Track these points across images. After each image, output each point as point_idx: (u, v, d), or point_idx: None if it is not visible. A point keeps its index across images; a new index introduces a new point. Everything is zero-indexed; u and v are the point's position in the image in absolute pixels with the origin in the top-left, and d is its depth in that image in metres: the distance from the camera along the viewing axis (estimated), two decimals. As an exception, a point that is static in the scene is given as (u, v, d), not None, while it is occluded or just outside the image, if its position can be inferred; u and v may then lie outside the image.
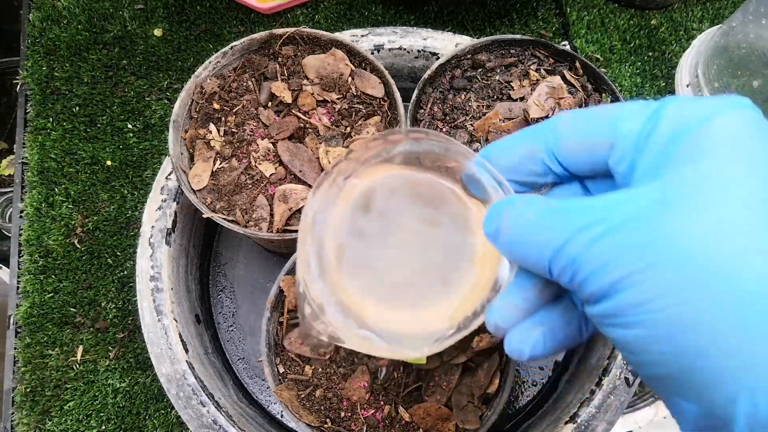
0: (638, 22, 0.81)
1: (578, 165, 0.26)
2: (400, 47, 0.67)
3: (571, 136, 0.26)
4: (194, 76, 0.58)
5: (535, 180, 0.28)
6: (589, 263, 0.21)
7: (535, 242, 0.24)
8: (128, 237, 0.71)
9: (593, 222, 0.22)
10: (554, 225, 0.23)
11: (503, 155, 0.28)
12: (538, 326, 0.26)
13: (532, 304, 0.26)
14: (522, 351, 0.26)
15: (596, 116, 0.25)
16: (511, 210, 0.25)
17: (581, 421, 0.55)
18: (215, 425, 0.55)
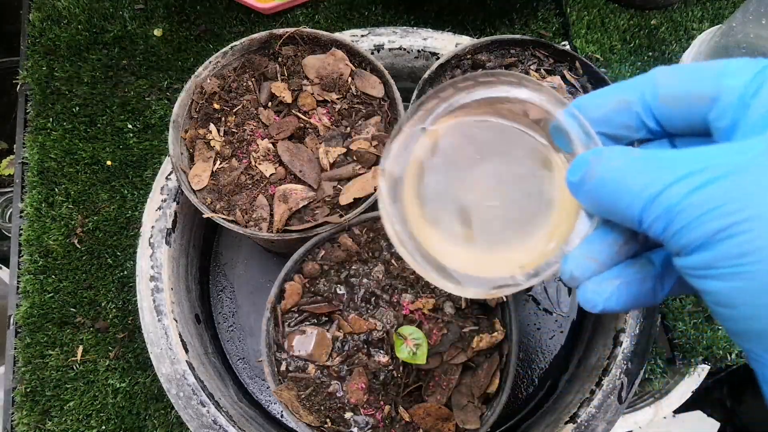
0: (638, 22, 0.81)
1: (674, 119, 0.25)
2: (400, 47, 0.67)
3: (670, 88, 0.25)
4: (194, 76, 0.58)
5: (627, 134, 0.27)
6: (687, 212, 0.21)
7: (626, 189, 0.23)
8: (128, 237, 0.71)
9: (694, 170, 0.21)
10: (650, 172, 0.22)
11: (596, 106, 0.27)
12: (615, 279, 0.25)
13: (610, 258, 0.26)
14: (596, 302, 0.26)
15: (699, 70, 0.24)
16: (600, 157, 0.24)
17: (581, 421, 0.55)
18: (215, 425, 0.55)
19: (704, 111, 0.24)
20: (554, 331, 0.68)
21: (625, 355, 0.57)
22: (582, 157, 0.26)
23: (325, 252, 0.54)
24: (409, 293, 0.53)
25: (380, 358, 0.51)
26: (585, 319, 0.68)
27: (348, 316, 0.52)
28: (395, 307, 0.53)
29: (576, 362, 0.65)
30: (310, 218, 0.55)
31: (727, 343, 0.66)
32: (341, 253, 0.54)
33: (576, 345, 0.67)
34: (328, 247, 0.54)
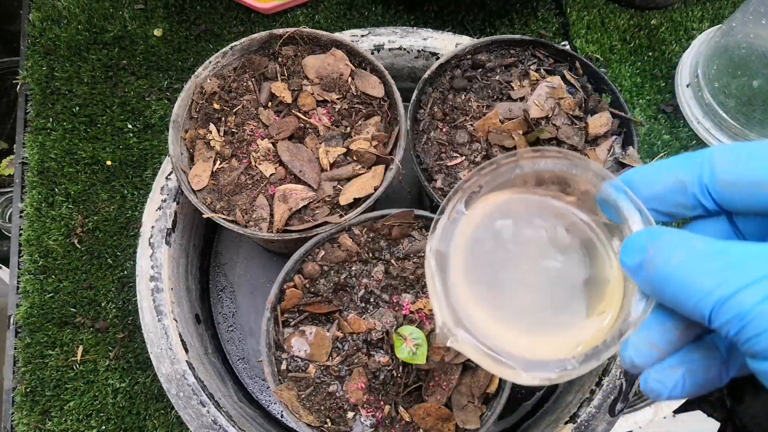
0: (638, 22, 0.81)
1: (735, 203, 0.24)
2: (400, 47, 0.67)
3: (730, 173, 0.24)
4: (194, 76, 0.58)
5: (681, 212, 0.26)
6: (761, 320, 0.20)
7: (693, 288, 0.22)
8: (128, 237, 0.71)
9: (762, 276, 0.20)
10: (719, 272, 0.21)
11: (647, 183, 0.26)
12: (678, 367, 0.24)
13: (671, 344, 0.25)
14: (660, 393, 0.25)
15: (760, 154, 0.23)
16: (659, 245, 0.23)
17: (581, 421, 0.55)
18: (215, 425, 0.55)
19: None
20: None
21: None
22: (636, 239, 0.25)
23: (325, 252, 0.54)
24: (409, 293, 0.53)
25: (380, 358, 0.51)
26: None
27: (348, 316, 0.52)
28: (395, 307, 0.53)
29: (576, 362, 0.65)
30: (310, 218, 0.55)
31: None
32: (341, 253, 0.54)
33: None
34: (328, 248, 0.54)
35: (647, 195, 0.26)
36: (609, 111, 0.58)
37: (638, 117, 0.76)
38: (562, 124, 0.57)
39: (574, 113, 0.58)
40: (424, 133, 0.59)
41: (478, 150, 0.57)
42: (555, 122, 0.57)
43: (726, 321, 0.21)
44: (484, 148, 0.57)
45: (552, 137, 0.56)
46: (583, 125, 0.57)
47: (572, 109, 0.58)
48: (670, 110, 0.77)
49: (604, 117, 0.57)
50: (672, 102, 0.77)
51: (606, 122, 0.57)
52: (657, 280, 0.23)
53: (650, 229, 0.25)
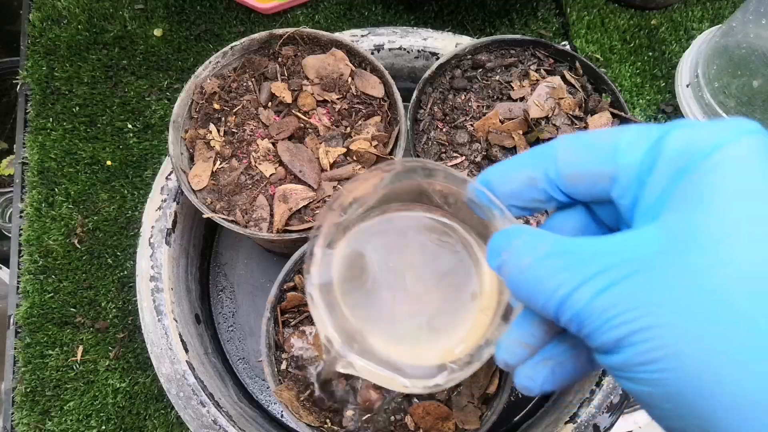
0: (638, 22, 0.81)
1: (581, 195, 0.25)
2: (400, 47, 0.67)
3: (570, 166, 0.25)
4: (194, 76, 0.58)
5: (538, 206, 0.27)
6: (593, 318, 0.21)
7: (537, 290, 0.23)
8: (128, 237, 0.71)
9: (595, 272, 0.21)
10: (555, 274, 0.22)
11: (502, 182, 0.27)
12: (547, 361, 0.25)
13: (539, 340, 0.25)
14: (530, 388, 0.26)
15: (595, 145, 0.24)
16: (510, 249, 0.24)
17: (581, 421, 0.55)
18: (215, 425, 0.55)
19: (607, 188, 0.24)
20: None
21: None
22: (494, 243, 0.25)
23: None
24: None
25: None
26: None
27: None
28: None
29: (576, 362, 0.65)
30: (310, 218, 0.55)
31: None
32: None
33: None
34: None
35: (504, 192, 0.27)
36: (609, 111, 0.58)
37: (638, 117, 0.76)
38: (562, 124, 0.57)
39: (574, 113, 0.58)
40: (424, 133, 0.59)
41: (478, 150, 0.57)
42: (555, 122, 0.57)
43: (568, 320, 0.22)
44: (484, 148, 0.57)
45: (552, 137, 0.56)
46: (583, 125, 0.57)
47: (572, 109, 0.58)
48: (670, 110, 0.77)
49: (604, 117, 0.57)
50: (672, 102, 0.77)
51: (606, 122, 0.57)
52: (512, 284, 0.24)
53: (506, 230, 0.26)
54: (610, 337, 0.21)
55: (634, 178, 0.23)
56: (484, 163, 0.57)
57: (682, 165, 0.21)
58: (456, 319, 0.29)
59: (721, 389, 0.18)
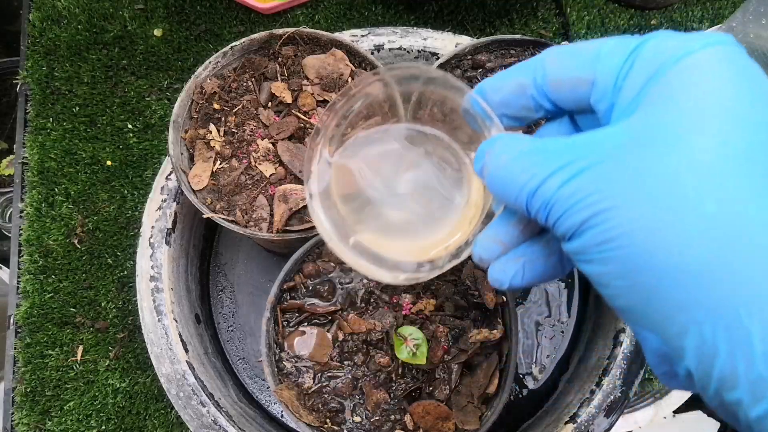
0: (638, 22, 0.81)
1: (565, 102, 0.26)
2: (400, 47, 0.67)
3: (556, 71, 0.26)
4: (194, 76, 0.58)
5: (527, 115, 0.28)
6: (559, 205, 0.23)
7: (512, 184, 0.24)
8: (128, 237, 0.71)
9: (563, 164, 0.23)
10: (528, 168, 0.24)
11: (495, 90, 0.28)
12: (518, 258, 0.27)
13: (514, 238, 0.27)
14: (501, 281, 0.28)
15: (580, 53, 0.25)
16: (492, 150, 0.26)
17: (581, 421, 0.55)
18: (215, 425, 0.55)
19: (587, 94, 0.25)
20: (554, 331, 0.68)
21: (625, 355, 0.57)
22: (481, 147, 0.27)
23: (325, 252, 0.54)
24: (410, 294, 0.53)
25: (380, 358, 0.51)
26: (585, 320, 0.68)
27: (348, 317, 0.52)
28: (395, 307, 0.53)
29: (576, 362, 0.65)
30: (310, 218, 0.55)
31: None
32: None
33: (576, 345, 0.67)
34: (328, 248, 0.54)
35: (496, 101, 0.28)
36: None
37: (638, 117, 0.76)
38: (562, 124, 0.57)
39: (574, 113, 0.58)
40: (424, 133, 0.59)
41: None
42: (555, 122, 0.57)
43: (537, 210, 0.24)
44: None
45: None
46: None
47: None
48: (670, 110, 0.77)
49: (604, 117, 0.57)
50: (672, 102, 0.77)
51: (606, 122, 0.57)
52: (489, 181, 0.26)
53: (493, 137, 0.27)
54: (573, 221, 0.22)
55: (611, 83, 0.24)
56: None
57: (654, 69, 0.22)
58: (442, 222, 0.31)
59: (667, 262, 0.20)
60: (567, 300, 0.69)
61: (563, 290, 0.70)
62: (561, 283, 0.70)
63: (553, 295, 0.70)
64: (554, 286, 0.70)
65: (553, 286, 0.70)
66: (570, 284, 0.70)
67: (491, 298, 0.51)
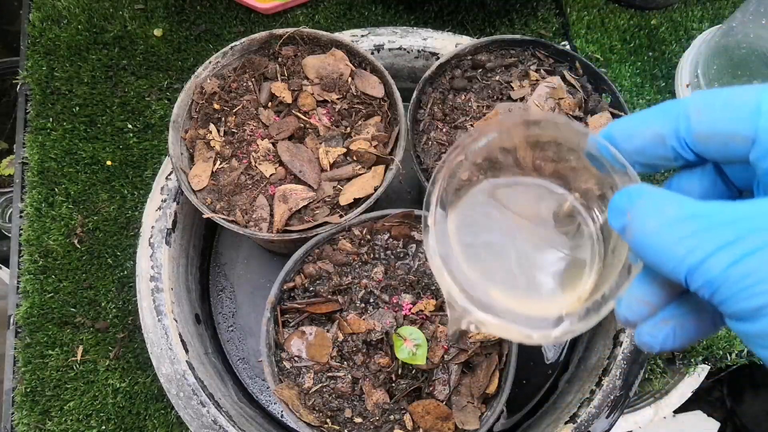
0: (638, 22, 0.81)
1: (714, 155, 0.24)
2: (400, 47, 0.67)
3: (704, 125, 0.24)
4: (194, 76, 0.58)
5: (664, 164, 0.26)
6: (728, 286, 0.20)
7: (666, 255, 0.22)
8: (128, 237, 0.71)
9: (730, 240, 0.20)
10: (685, 240, 0.22)
11: (627, 138, 0.26)
12: (668, 321, 0.25)
13: (661, 299, 0.25)
14: (652, 345, 0.25)
15: (735, 104, 0.23)
16: (635, 210, 0.24)
17: (581, 421, 0.55)
18: (215, 425, 0.55)
19: (745, 150, 0.23)
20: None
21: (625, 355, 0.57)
22: (617, 203, 0.25)
23: (325, 252, 0.54)
24: (409, 294, 0.53)
25: (380, 358, 0.51)
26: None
27: (348, 317, 0.52)
28: (395, 307, 0.53)
29: (576, 362, 0.65)
30: (310, 218, 0.55)
31: (726, 344, 0.66)
32: (341, 253, 0.54)
33: (576, 345, 0.67)
34: (328, 248, 0.55)
35: (628, 149, 0.26)
36: (609, 111, 0.58)
37: (638, 117, 0.76)
38: (562, 124, 0.57)
39: (574, 113, 0.58)
40: (424, 133, 0.59)
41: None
42: (555, 122, 0.57)
43: (699, 286, 0.22)
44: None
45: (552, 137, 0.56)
46: (583, 125, 0.57)
47: (572, 109, 0.58)
48: (670, 110, 0.77)
49: (604, 117, 0.57)
50: (672, 102, 0.77)
51: (606, 122, 0.57)
52: (636, 246, 0.24)
53: (628, 190, 0.25)
54: (746, 306, 0.20)
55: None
56: (484, 164, 0.57)
57: None
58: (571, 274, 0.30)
59: None
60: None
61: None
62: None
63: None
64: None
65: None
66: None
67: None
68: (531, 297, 0.30)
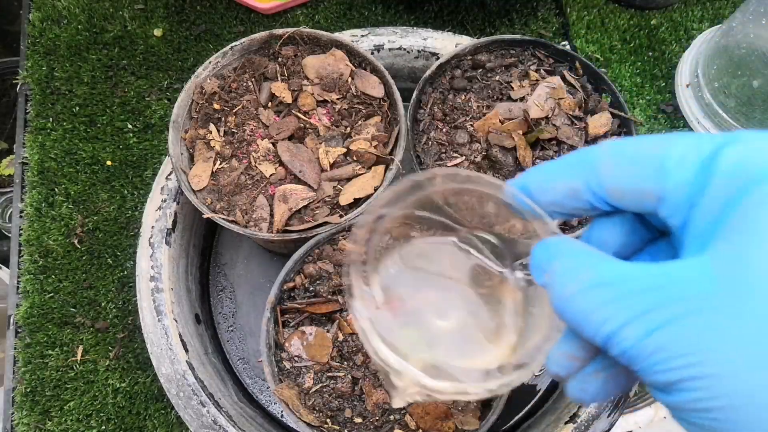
0: (638, 22, 0.81)
1: (629, 207, 0.24)
2: (400, 47, 0.67)
3: (614, 180, 0.23)
4: (194, 76, 0.58)
5: (582, 213, 0.26)
6: (642, 358, 0.20)
7: (583, 322, 0.22)
8: (128, 237, 0.71)
9: (642, 311, 0.20)
10: (600, 308, 0.21)
11: (542, 191, 0.26)
12: (598, 373, 0.25)
13: (589, 352, 0.25)
14: (583, 399, 0.25)
15: (641, 160, 0.22)
16: (552, 271, 0.23)
17: (581, 421, 0.55)
18: (215, 425, 0.55)
19: (654, 207, 0.23)
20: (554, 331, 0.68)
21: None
22: (536, 259, 0.25)
23: (325, 252, 0.54)
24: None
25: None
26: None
27: (348, 317, 0.52)
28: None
29: (576, 362, 0.65)
30: (310, 218, 0.55)
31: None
32: (341, 253, 0.54)
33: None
34: (328, 248, 0.55)
35: (545, 201, 0.26)
36: (609, 111, 0.58)
37: (638, 117, 0.76)
38: (562, 124, 0.57)
39: (574, 113, 0.58)
40: (424, 133, 0.59)
41: (478, 150, 0.57)
42: (555, 122, 0.57)
43: (616, 355, 0.21)
44: (484, 149, 0.57)
45: (552, 137, 0.56)
46: (583, 125, 0.57)
47: (572, 109, 0.58)
48: (670, 110, 0.77)
49: (604, 117, 0.57)
50: (672, 102, 0.77)
51: (606, 122, 0.57)
52: (556, 309, 0.23)
53: (547, 246, 0.25)
54: (660, 379, 0.20)
55: (684, 200, 0.21)
56: (483, 163, 0.57)
57: (736, 189, 0.20)
58: (504, 328, 0.29)
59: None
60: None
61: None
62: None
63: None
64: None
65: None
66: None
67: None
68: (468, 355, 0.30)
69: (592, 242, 0.26)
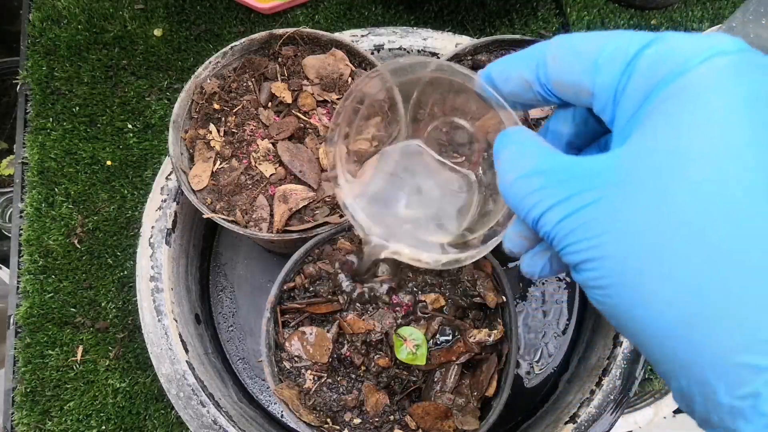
0: (638, 22, 0.81)
1: (571, 100, 0.25)
2: (400, 47, 0.67)
3: (558, 73, 0.25)
4: (194, 76, 0.58)
5: (539, 104, 0.27)
6: (557, 240, 0.23)
7: (518, 206, 0.25)
8: (128, 237, 0.71)
9: (563, 198, 0.22)
10: (531, 195, 0.24)
11: (503, 81, 0.28)
12: (544, 252, 0.28)
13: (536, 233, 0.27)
14: (531, 273, 0.28)
15: (579, 55, 0.24)
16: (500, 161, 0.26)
17: (581, 421, 0.55)
18: (215, 425, 0.55)
19: (590, 102, 0.24)
20: (554, 331, 0.68)
21: (625, 355, 0.57)
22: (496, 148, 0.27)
23: (325, 252, 0.54)
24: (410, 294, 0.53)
25: (380, 359, 0.51)
26: (585, 320, 0.68)
27: (348, 317, 0.52)
28: (395, 308, 0.53)
29: (576, 362, 0.65)
30: (310, 218, 0.55)
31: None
32: (341, 253, 0.54)
33: (576, 345, 0.67)
34: (328, 248, 0.54)
35: (505, 92, 0.28)
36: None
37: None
38: (562, 124, 0.57)
39: (574, 113, 0.58)
40: (424, 133, 0.59)
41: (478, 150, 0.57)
42: (555, 122, 0.57)
43: (542, 236, 0.24)
44: (484, 148, 0.57)
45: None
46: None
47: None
48: (670, 110, 0.77)
49: (604, 117, 0.57)
50: (672, 102, 0.77)
51: (606, 122, 0.57)
52: (501, 192, 0.26)
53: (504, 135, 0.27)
54: (570, 260, 0.23)
55: (611, 96, 0.23)
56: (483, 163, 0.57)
57: (653, 84, 0.21)
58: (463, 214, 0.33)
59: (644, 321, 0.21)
60: (567, 300, 0.69)
61: (563, 290, 0.70)
62: (561, 282, 0.70)
63: (553, 295, 0.70)
64: (554, 286, 0.70)
65: (553, 286, 0.70)
66: (570, 284, 0.70)
67: (492, 298, 0.51)
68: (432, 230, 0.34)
69: (549, 131, 0.29)
